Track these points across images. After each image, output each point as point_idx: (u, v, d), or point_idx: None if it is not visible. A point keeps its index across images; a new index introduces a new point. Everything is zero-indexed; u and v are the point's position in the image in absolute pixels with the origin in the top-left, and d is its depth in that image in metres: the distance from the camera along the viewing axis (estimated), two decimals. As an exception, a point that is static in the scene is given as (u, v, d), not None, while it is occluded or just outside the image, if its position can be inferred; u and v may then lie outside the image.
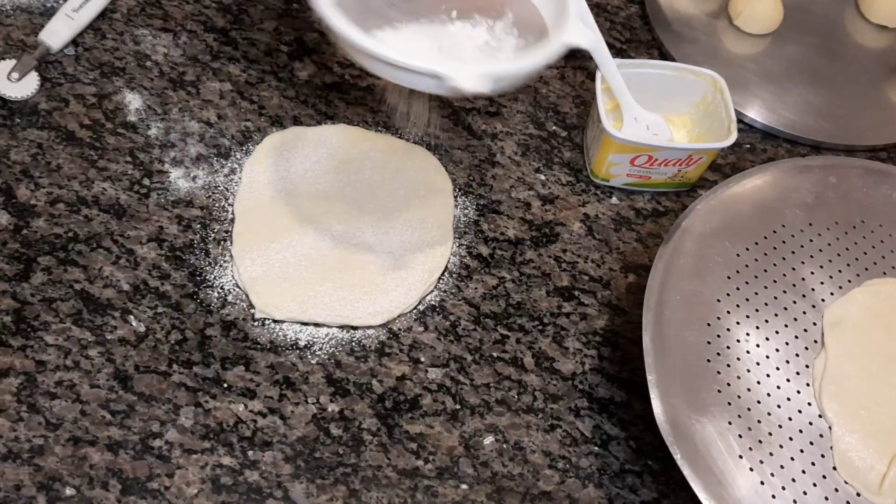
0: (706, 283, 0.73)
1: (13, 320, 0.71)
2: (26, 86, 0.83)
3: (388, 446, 0.70)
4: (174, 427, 0.68)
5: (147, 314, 0.73)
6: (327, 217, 0.80)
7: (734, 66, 1.01)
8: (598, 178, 0.88)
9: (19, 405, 0.68)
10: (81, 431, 0.67)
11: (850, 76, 1.03)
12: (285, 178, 0.82)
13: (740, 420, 0.67)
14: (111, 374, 0.70)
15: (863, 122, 0.99)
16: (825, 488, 0.65)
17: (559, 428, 0.73)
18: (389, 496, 0.68)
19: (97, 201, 0.79)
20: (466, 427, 0.72)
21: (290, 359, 0.73)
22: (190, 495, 0.66)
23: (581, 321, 0.79)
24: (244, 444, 0.68)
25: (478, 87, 0.64)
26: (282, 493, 0.67)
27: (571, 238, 0.85)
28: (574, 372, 0.76)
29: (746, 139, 0.96)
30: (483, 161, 0.89)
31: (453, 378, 0.74)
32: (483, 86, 0.64)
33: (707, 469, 0.64)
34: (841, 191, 0.81)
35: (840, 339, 0.72)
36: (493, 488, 0.69)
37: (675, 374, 0.68)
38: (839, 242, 0.78)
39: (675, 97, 0.89)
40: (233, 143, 0.85)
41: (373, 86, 0.92)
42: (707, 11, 1.07)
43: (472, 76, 0.64)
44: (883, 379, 0.71)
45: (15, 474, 0.65)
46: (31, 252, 0.75)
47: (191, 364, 0.72)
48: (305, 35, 0.95)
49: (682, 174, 0.87)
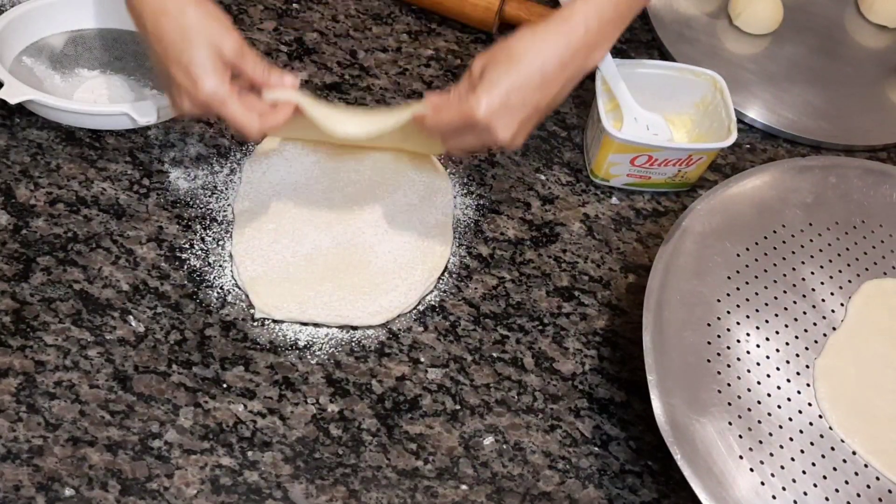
0: (706, 283, 0.73)
1: (12, 320, 0.71)
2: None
3: (388, 447, 0.70)
4: (173, 427, 0.68)
5: (146, 314, 0.73)
6: (327, 217, 0.80)
7: (734, 67, 1.01)
8: (598, 178, 0.88)
9: (18, 405, 0.67)
10: (81, 432, 0.67)
11: (850, 76, 1.03)
12: (285, 179, 0.82)
13: (740, 420, 0.67)
14: (110, 374, 0.70)
15: (863, 122, 0.99)
16: (826, 489, 0.65)
17: (559, 428, 0.73)
18: (389, 497, 0.68)
19: (97, 201, 0.79)
20: (466, 427, 0.72)
21: (289, 359, 0.73)
22: (189, 496, 0.66)
23: (581, 321, 0.79)
24: (244, 445, 0.68)
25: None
26: (281, 494, 0.67)
27: (571, 238, 0.85)
28: (574, 372, 0.76)
29: (746, 139, 0.96)
30: (483, 161, 0.89)
31: (453, 378, 0.74)
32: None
33: (707, 469, 0.64)
34: (841, 191, 0.81)
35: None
36: (492, 489, 0.69)
37: (676, 375, 0.68)
38: (839, 242, 0.78)
39: (675, 97, 0.89)
40: (232, 143, 0.85)
41: (371, 86, 0.92)
42: (707, 11, 1.06)
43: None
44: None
45: (14, 475, 0.65)
46: (30, 252, 0.75)
47: (190, 364, 0.71)
48: (305, 35, 0.95)
49: (682, 174, 0.87)
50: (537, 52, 0.67)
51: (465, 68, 0.95)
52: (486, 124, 0.67)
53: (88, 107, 0.82)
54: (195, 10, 0.65)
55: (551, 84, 0.68)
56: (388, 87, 0.93)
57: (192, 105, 0.66)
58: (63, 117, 0.81)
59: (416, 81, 0.94)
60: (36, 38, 0.86)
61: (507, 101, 0.66)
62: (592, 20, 0.69)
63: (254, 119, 0.66)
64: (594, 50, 0.70)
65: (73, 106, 0.80)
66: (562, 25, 0.68)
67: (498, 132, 0.67)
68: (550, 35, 0.68)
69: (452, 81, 0.94)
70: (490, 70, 0.67)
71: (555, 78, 0.68)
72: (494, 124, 0.67)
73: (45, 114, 0.81)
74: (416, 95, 0.92)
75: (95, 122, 0.82)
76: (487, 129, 0.67)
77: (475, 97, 0.66)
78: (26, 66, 0.84)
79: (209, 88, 0.65)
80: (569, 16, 0.69)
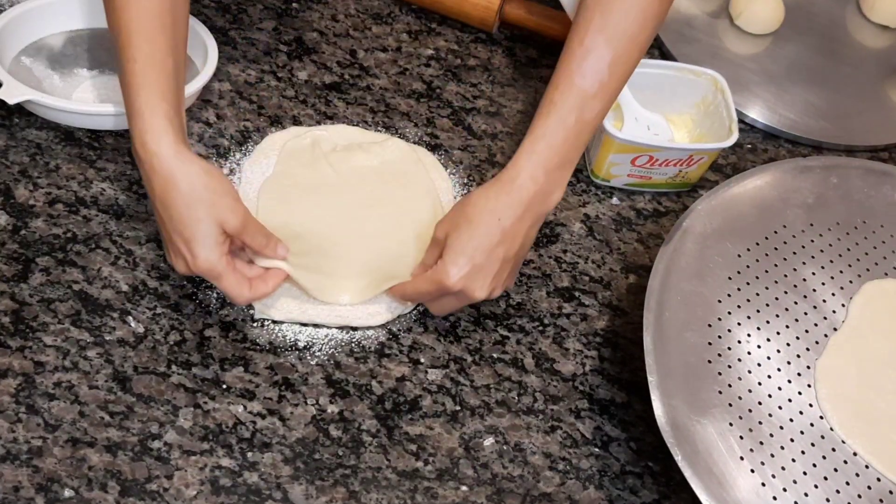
0: (707, 283, 0.73)
1: (11, 321, 0.71)
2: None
3: (388, 448, 0.70)
4: (173, 428, 0.68)
5: (146, 315, 0.73)
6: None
7: (735, 66, 1.01)
8: (599, 178, 0.88)
9: (18, 406, 0.67)
10: (80, 433, 0.67)
11: (851, 76, 1.03)
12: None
13: (741, 421, 0.67)
14: (110, 375, 0.70)
15: (864, 122, 0.99)
16: (826, 490, 0.65)
17: (559, 429, 0.73)
18: (389, 498, 0.68)
19: (96, 201, 0.79)
20: (466, 428, 0.72)
21: (289, 360, 0.73)
22: (189, 497, 0.65)
23: (581, 322, 0.79)
24: (243, 446, 0.68)
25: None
26: (281, 495, 0.67)
27: (572, 238, 0.84)
28: (574, 373, 0.76)
29: (747, 139, 0.96)
30: (483, 161, 0.88)
31: (453, 379, 0.74)
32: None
33: (708, 470, 0.64)
34: (842, 191, 0.81)
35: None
36: (493, 490, 0.69)
37: (676, 375, 0.67)
38: (840, 243, 0.78)
39: (675, 97, 0.89)
40: (232, 144, 0.85)
41: (371, 86, 0.92)
42: (707, 11, 1.06)
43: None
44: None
45: (13, 475, 0.64)
46: (29, 252, 0.75)
47: (190, 365, 0.71)
48: (305, 35, 0.95)
49: (683, 174, 0.87)
50: (491, 212, 0.69)
51: (465, 68, 0.96)
52: (460, 289, 0.70)
53: (87, 107, 0.82)
54: (205, 186, 0.66)
55: (513, 237, 0.70)
56: (388, 86, 0.92)
57: (186, 270, 0.68)
58: (62, 117, 0.81)
59: (416, 81, 0.93)
60: (35, 38, 0.86)
61: (474, 263, 0.69)
62: (539, 173, 0.70)
63: (244, 289, 0.69)
64: (548, 196, 0.71)
65: (72, 106, 0.80)
66: (509, 185, 0.70)
67: (475, 293, 0.70)
68: (502, 196, 0.70)
69: (452, 81, 0.94)
70: (451, 237, 0.70)
71: (514, 231, 0.70)
72: (468, 287, 0.70)
73: (43, 114, 0.81)
74: (415, 95, 0.92)
75: (94, 122, 0.82)
76: (463, 292, 0.70)
77: (444, 267, 0.69)
78: (25, 66, 0.84)
79: (206, 265, 0.67)
80: (515, 176, 0.70)
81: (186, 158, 0.66)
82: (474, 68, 0.96)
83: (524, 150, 0.71)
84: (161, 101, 0.66)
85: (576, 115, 0.70)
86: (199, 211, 0.65)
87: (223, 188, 0.67)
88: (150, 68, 0.66)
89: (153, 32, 0.67)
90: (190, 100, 0.84)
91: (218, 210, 0.66)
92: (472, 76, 0.95)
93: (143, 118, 0.65)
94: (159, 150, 0.65)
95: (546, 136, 0.70)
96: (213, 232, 0.66)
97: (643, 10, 0.71)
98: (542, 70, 0.98)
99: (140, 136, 0.65)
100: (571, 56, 0.71)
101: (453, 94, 0.93)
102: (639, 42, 0.72)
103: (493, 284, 0.71)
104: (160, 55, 0.67)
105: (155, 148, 0.65)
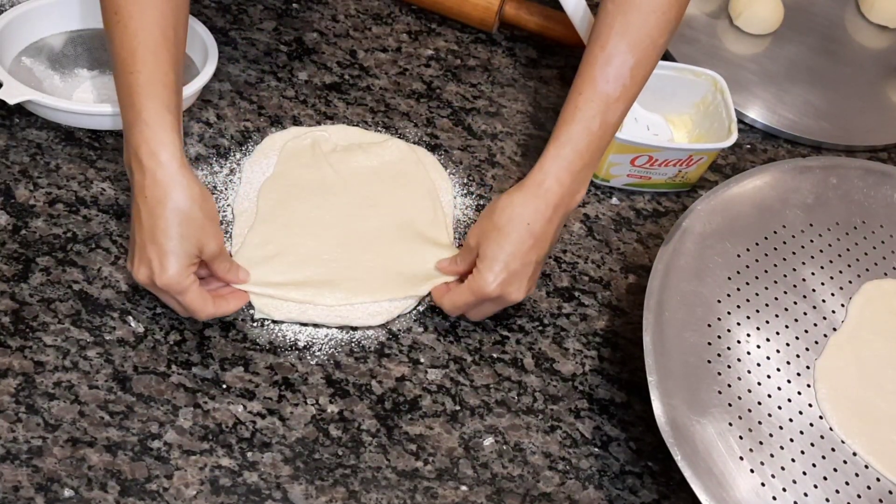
0: (706, 283, 0.73)
1: (12, 321, 0.71)
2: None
3: (388, 447, 0.70)
4: (173, 428, 0.68)
5: (146, 315, 0.73)
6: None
7: (734, 67, 1.01)
8: (599, 178, 0.88)
9: (18, 406, 0.67)
10: (80, 432, 0.67)
11: (851, 76, 1.03)
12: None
13: (741, 421, 0.67)
14: (110, 374, 0.70)
15: (863, 122, 0.99)
16: (826, 490, 0.65)
17: (559, 429, 0.73)
18: (389, 497, 0.68)
19: (96, 201, 0.79)
20: (466, 428, 0.72)
21: (289, 359, 0.73)
22: (189, 496, 0.65)
23: (581, 322, 0.79)
24: (243, 446, 0.68)
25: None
26: (281, 495, 0.67)
27: (572, 238, 0.84)
28: (574, 373, 0.76)
29: (747, 139, 0.96)
30: (483, 161, 0.88)
31: (453, 379, 0.74)
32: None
33: (707, 470, 0.64)
34: (841, 191, 0.81)
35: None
36: (492, 490, 0.69)
37: (676, 375, 0.67)
38: (840, 243, 0.78)
39: (675, 97, 0.89)
40: (232, 144, 0.85)
41: (371, 86, 0.92)
42: (707, 11, 1.06)
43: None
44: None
45: (13, 475, 0.64)
46: (29, 252, 0.75)
47: (189, 365, 0.71)
48: (305, 35, 0.95)
49: (683, 174, 0.87)
50: (521, 218, 0.71)
51: (465, 68, 0.96)
52: (499, 295, 0.71)
53: (88, 107, 0.82)
54: (200, 208, 0.67)
55: (544, 238, 0.72)
56: (388, 87, 0.92)
57: (148, 280, 0.67)
58: (62, 117, 0.81)
59: (416, 81, 0.94)
60: (35, 39, 0.86)
61: (510, 269, 0.71)
62: (565, 176, 0.71)
63: (208, 305, 0.69)
64: (574, 195, 0.73)
65: (72, 106, 0.80)
66: (537, 190, 0.71)
67: (511, 296, 0.72)
68: (529, 200, 0.71)
69: (452, 81, 0.94)
70: (484, 246, 0.71)
71: (544, 232, 0.72)
72: (506, 292, 0.71)
73: (44, 114, 0.81)
74: (415, 95, 0.92)
75: (95, 122, 0.82)
76: (501, 297, 0.72)
77: (481, 277, 0.71)
78: (25, 67, 0.84)
79: (173, 280, 0.66)
80: (542, 180, 0.71)
81: (189, 176, 0.67)
82: (474, 68, 0.96)
83: (549, 154, 0.72)
84: (167, 114, 0.67)
85: (600, 119, 0.72)
86: (187, 229, 0.66)
87: (213, 214, 0.69)
88: (155, 80, 0.67)
89: (158, 47, 0.68)
90: (190, 100, 0.84)
91: (204, 233, 0.67)
92: (472, 76, 0.95)
93: (151, 127, 0.66)
94: (165, 162, 0.66)
95: (572, 140, 0.72)
96: (191, 252, 0.67)
97: (664, 14, 0.72)
98: (542, 70, 0.98)
99: (146, 144, 0.66)
100: (594, 61, 0.72)
101: (453, 95, 0.93)
102: (658, 46, 0.73)
103: (529, 286, 0.72)
104: (164, 68, 0.68)
105: (162, 158, 0.66)
